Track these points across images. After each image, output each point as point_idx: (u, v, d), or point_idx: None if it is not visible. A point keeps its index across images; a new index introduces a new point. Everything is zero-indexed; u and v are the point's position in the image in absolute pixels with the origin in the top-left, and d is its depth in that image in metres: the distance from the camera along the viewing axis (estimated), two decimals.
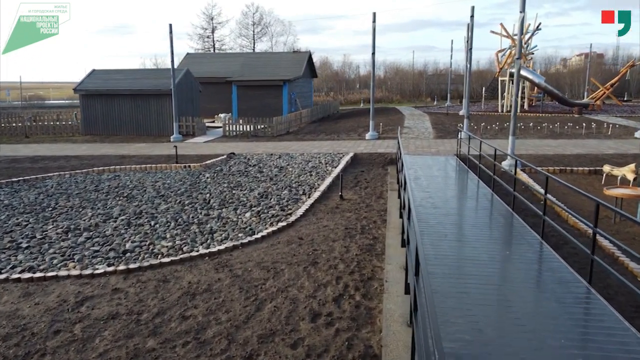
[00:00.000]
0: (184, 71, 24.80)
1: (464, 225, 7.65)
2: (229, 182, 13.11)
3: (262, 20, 58.06)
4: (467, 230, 7.34)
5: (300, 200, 11.09)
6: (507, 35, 30.97)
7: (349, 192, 11.82)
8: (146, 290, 6.39)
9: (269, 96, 31.32)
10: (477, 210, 8.77)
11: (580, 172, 13.30)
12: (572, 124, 23.54)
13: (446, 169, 13.25)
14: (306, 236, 8.51)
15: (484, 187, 10.65)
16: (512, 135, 13.72)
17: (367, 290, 6.31)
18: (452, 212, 8.52)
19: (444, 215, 8.27)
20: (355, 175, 13.94)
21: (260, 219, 9.76)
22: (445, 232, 7.18)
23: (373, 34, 19.88)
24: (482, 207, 9.08)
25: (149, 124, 23.97)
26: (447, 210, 8.61)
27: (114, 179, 13.79)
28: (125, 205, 10.94)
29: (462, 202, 9.34)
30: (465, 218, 8.05)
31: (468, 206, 9.01)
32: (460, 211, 8.53)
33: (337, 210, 10.28)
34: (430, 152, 16.65)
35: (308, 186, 12.41)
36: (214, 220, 9.67)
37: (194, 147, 19.71)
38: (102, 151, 19.30)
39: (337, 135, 22.56)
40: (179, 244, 8.31)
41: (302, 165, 15.07)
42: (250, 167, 15.21)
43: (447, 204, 9.14)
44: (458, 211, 8.52)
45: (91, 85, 24.34)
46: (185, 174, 14.37)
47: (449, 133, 21.96)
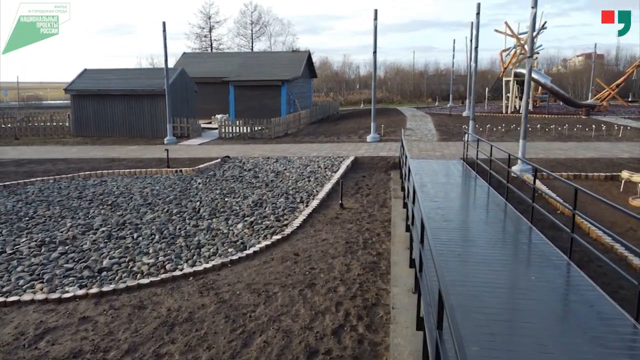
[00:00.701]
0: (179, 71, 24.00)
1: (478, 242, 6.84)
2: (221, 188, 12.30)
3: (260, 19, 57.30)
4: (483, 248, 6.53)
5: (297, 210, 10.28)
6: (512, 34, 30.14)
7: (350, 200, 11.02)
8: (118, 319, 5.57)
9: (267, 97, 30.51)
10: (491, 223, 7.95)
11: (595, 178, 12.50)
12: (581, 126, 22.73)
13: (453, 175, 12.45)
14: (303, 252, 7.70)
15: (496, 195, 9.84)
16: (522, 138, 12.92)
17: (372, 319, 5.51)
18: (464, 225, 7.71)
19: (456, 229, 7.46)
20: (356, 180, 13.13)
21: (254, 230, 8.95)
22: (458, 251, 6.37)
23: (374, 32, 19.09)
24: (497, 220, 8.27)
25: (142, 125, 23.16)
26: (458, 224, 7.80)
27: (100, 185, 12.98)
28: (108, 215, 10.13)
29: (474, 214, 8.53)
30: (480, 233, 7.24)
31: (481, 219, 8.19)
32: (474, 225, 7.72)
33: (337, 220, 9.47)
34: (434, 155, 15.84)
35: (306, 193, 11.61)
36: (202, 233, 8.87)
37: (188, 150, 18.90)
38: (91, 154, 18.50)
39: (337, 138, 21.75)
40: (162, 261, 7.50)
41: (300, 170, 14.27)
42: (245, 171, 14.40)
43: (459, 216, 8.33)
44: (471, 225, 7.71)
45: (82, 85, 23.52)
46: (176, 179, 13.56)
47: (453, 135, 21.15)
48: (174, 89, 22.95)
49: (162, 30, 20.88)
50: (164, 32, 20.86)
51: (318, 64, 57.26)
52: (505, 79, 32.20)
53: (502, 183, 11.03)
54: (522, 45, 29.56)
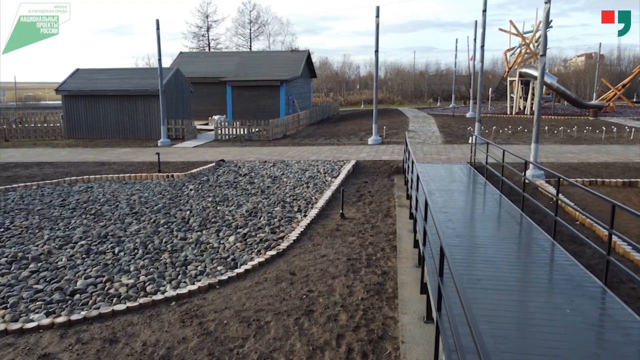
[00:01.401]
0: (174, 70, 23.22)
1: (497, 263, 6.07)
2: (214, 195, 11.54)
3: (259, 18, 56.49)
4: (502, 271, 5.76)
5: (295, 220, 9.51)
6: (516, 33, 29.37)
7: (351, 209, 10.25)
8: (85, 357, 4.81)
9: (265, 97, 29.74)
10: (508, 239, 7.17)
11: (612, 184, 11.74)
12: (591, 128, 21.95)
13: (462, 181, 11.69)
14: (300, 270, 6.94)
15: (510, 205, 9.08)
16: (535, 142, 12.15)
17: (378, 357, 4.75)
18: (479, 242, 6.92)
19: (470, 247, 6.67)
20: (357, 187, 12.36)
21: (246, 244, 8.18)
22: (477, 276, 5.59)
23: (376, 29, 18.32)
24: (514, 235, 7.49)
25: (135, 126, 22.39)
26: (473, 240, 7.03)
27: (86, 192, 12.20)
28: (90, 226, 9.36)
29: (489, 228, 7.74)
30: (497, 252, 6.46)
31: (497, 234, 7.41)
32: (489, 241, 6.93)
33: (337, 232, 8.71)
34: (440, 159, 15.07)
35: (304, 201, 10.84)
36: (190, 247, 8.10)
37: (182, 153, 18.13)
38: (81, 157, 17.73)
39: (337, 140, 20.99)
40: (143, 281, 6.73)
41: (298, 175, 13.50)
42: (240, 176, 13.63)
43: (472, 231, 7.55)
44: (486, 241, 6.92)
45: (74, 86, 22.75)
46: (166, 185, 12.79)
47: (457, 137, 20.39)
48: (169, 89, 22.19)
49: (155, 28, 20.12)
50: (157, 31, 20.10)
51: (318, 64, 56.55)
52: (510, 79, 31.43)
53: (513, 190, 10.28)
54: (527, 45, 28.81)
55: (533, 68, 29.35)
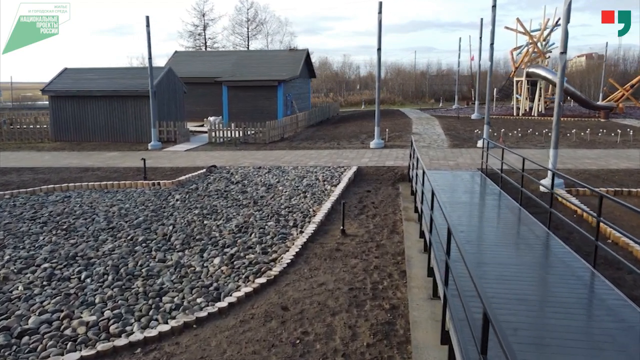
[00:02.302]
0: (166, 70, 22.16)
1: (531, 300, 5.03)
2: (202, 207, 10.48)
3: (256, 16, 55.29)
4: (543, 315, 4.71)
5: (290, 237, 8.45)
6: (524, 32, 28.31)
7: (354, 224, 9.20)
8: None
9: (263, 98, 28.67)
10: (541, 268, 6.10)
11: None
12: (605, 130, 20.87)
13: (475, 191, 10.64)
14: (294, 304, 5.89)
15: (533, 221, 8.02)
16: (554, 147, 11.12)
17: None
18: (511, 274, 5.77)
19: (499, 281, 5.56)
20: (360, 197, 11.31)
21: (233, 268, 7.12)
22: (512, 323, 4.51)
23: (379, 26, 17.27)
24: (544, 262, 6.42)
25: (125, 129, 21.32)
26: (498, 269, 5.93)
27: (62, 202, 11.15)
28: (59, 244, 8.30)
29: (514, 252, 6.65)
30: (530, 287, 5.40)
31: (525, 261, 6.31)
32: (524, 274, 5.80)
33: (337, 253, 7.65)
34: (447, 165, 14.02)
35: (301, 214, 9.79)
36: (169, 271, 7.04)
37: (172, 158, 17.07)
38: (65, 162, 16.67)
39: (337, 143, 19.92)
40: (108, 318, 5.67)
41: (295, 183, 12.44)
42: (232, 184, 12.58)
43: (494, 255, 6.47)
44: (516, 273, 5.81)
45: (61, 86, 21.69)
46: (151, 194, 11.73)
47: (464, 141, 19.33)
48: (160, 89, 21.14)
49: (145, 25, 19.07)
50: (147, 28, 19.05)
51: (317, 64, 55.50)
52: (516, 79, 30.36)
53: (530, 200, 9.25)
54: (534, 43, 27.77)
55: (541, 68, 28.32)
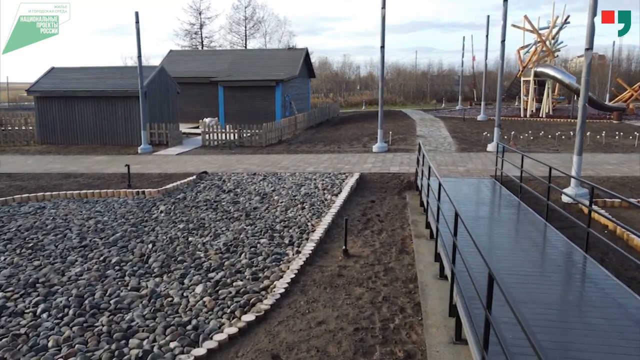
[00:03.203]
0: (158, 69, 21.09)
1: (580, 348, 3.99)
2: (188, 220, 9.42)
3: (254, 15, 54.08)
4: None
5: (285, 257, 7.40)
6: (532, 30, 27.24)
7: (357, 241, 8.14)
8: None
9: (260, 99, 27.60)
10: (589, 307, 5.03)
11: None
12: (622, 133, 19.78)
13: (492, 203, 9.59)
14: (287, 350, 4.83)
15: (565, 242, 6.96)
16: (578, 154, 10.06)
17: None
18: (548, 313, 4.75)
19: (540, 327, 4.51)
20: (363, 208, 10.25)
21: (217, 299, 6.07)
22: None
23: (382, 22, 16.21)
24: (588, 296, 5.36)
25: (115, 131, 20.25)
26: (534, 309, 4.85)
27: (34, 214, 10.08)
28: (20, 266, 7.25)
29: (552, 285, 5.57)
30: (580, 333, 4.36)
31: (567, 298, 5.26)
32: (561, 314, 4.77)
33: (339, 279, 6.59)
34: (458, 172, 12.97)
35: (298, 229, 8.73)
36: (141, 303, 5.98)
37: (162, 162, 16.01)
38: (48, 167, 15.61)
39: (337, 146, 18.86)
40: None
41: (292, 192, 11.38)
42: (223, 193, 11.52)
43: (531, 291, 5.37)
44: (555, 313, 4.77)
45: (47, 86, 20.61)
46: (134, 205, 10.66)
47: (473, 144, 18.27)
48: (152, 89, 20.08)
49: (135, 22, 18.01)
50: (137, 25, 18.00)
51: (317, 64, 54.44)
52: (524, 78, 29.27)
53: (554, 213, 8.23)
54: (543, 42, 26.73)
55: (550, 67, 27.27)
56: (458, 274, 5.07)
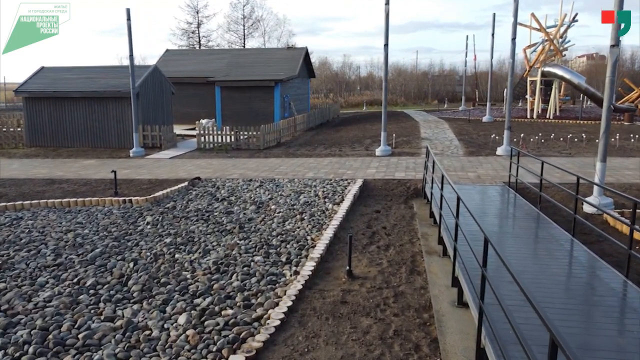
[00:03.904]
0: (151, 69, 20.25)
1: None
2: (176, 233, 8.59)
3: (253, 13, 53.22)
4: None
5: (282, 279, 6.57)
6: (539, 28, 26.41)
7: (362, 259, 7.31)
8: None
9: (258, 99, 26.78)
10: (628, 337, 4.24)
11: None
12: (637, 135, 18.94)
13: (508, 214, 8.78)
14: None
15: (599, 263, 6.14)
16: (602, 160, 9.27)
17: None
18: (588, 349, 3.96)
19: None
20: (368, 219, 9.42)
21: (203, 332, 5.25)
22: None
23: (386, 19, 15.40)
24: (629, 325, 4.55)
25: (107, 133, 19.42)
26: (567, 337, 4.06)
27: (9, 226, 9.26)
28: None
29: (593, 319, 4.79)
30: None
31: (612, 332, 4.47)
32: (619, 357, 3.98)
33: (343, 308, 5.76)
34: (467, 177, 12.16)
35: (296, 244, 7.90)
36: (114, 339, 5.15)
37: (153, 167, 15.19)
38: (33, 172, 14.79)
39: (338, 149, 18.03)
40: None
41: (290, 201, 10.56)
42: (216, 202, 10.70)
43: (570, 328, 4.57)
44: (600, 349, 4.00)
45: (36, 86, 19.79)
46: (118, 215, 9.84)
47: (481, 147, 17.43)
48: (145, 90, 19.26)
49: (126, 19, 17.20)
50: (128, 22, 17.18)
51: (317, 64, 53.60)
52: (530, 79, 28.43)
53: (576, 225, 7.42)
54: (551, 41, 25.92)
55: (559, 67, 26.46)
56: (487, 308, 4.25)
